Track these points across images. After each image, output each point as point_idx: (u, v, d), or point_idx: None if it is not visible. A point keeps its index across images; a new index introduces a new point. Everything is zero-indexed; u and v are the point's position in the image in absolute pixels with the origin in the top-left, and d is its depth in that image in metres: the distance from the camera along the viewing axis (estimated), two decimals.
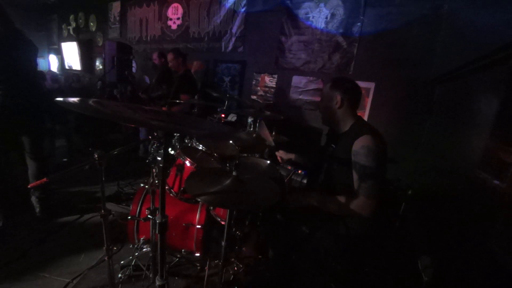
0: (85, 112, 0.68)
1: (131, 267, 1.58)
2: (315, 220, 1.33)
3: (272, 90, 3.22)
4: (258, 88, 3.35)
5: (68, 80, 5.90)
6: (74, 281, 1.55)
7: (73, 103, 0.74)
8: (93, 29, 5.83)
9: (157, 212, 0.85)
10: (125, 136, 3.97)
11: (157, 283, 0.91)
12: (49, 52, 7.39)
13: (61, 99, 0.73)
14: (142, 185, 1.80)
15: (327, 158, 1.41)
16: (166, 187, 1.64)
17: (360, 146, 1.18)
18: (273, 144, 1.69)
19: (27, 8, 6.67)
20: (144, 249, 1.61)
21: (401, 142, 2.19)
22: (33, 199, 2.11)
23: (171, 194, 1.63)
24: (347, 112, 1.31)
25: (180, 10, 4.09)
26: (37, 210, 2.11)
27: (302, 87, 2.96)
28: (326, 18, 2.70)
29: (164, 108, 2.95)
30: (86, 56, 5.97)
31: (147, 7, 4.62)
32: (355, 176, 1.19)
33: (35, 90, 2.04)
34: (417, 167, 2.14)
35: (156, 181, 1.61)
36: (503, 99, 1.45)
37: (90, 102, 0.79)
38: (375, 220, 1.24)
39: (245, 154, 1.82)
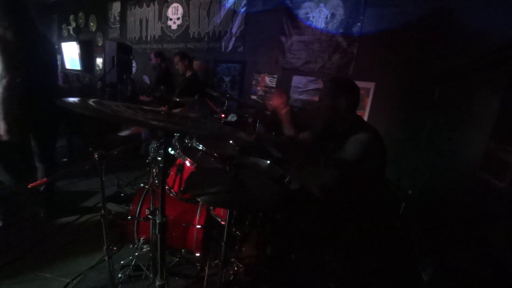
0: (85, 112, 0.68)
1: (131, 267, 1.58)
2: (315, 219, 1.34)
3: (272, 90, 3.22)
4: (258, 88, 3.35)
5: (69, 80, 5.90)
6: (74, 281, 1.54)
7: (74, 103, 0.74)
8: (93, 29, 5.83)
9: (157, 212, 0.85)
10: (125, 136, 3.97)
11: (157, 283, 0.91)
12: None
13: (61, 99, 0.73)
14: (142, 185, 1.80)
15: (325, 157, 1.41)
16: (166, 187, 1.64)
17: (353, 139, 1.22)
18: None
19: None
20: (144, 249, 1.61)
21: (401, 142, 2.19)
22: (38, 199, 2.12)
23: (171, 194, 1.63)
24: (346, 112, 1.32)
25: (180, 10, 4.09)
26: (41, 210, 2.11)
27: (302, 87, 2.96)
28: (326, 18, 2.70)
29: (164, 108, 2.94)
30: (86, 56, 5.97)
31: (147, 7, 4.62)
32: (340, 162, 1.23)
33: (52, 91, 1.96)
34: (417, 167, 2.14)
35: (156, 181, 1.61)
36: (504, 99, 1.45)
37: (91, 102, 0.79)
38: (375, 219, 1.25)
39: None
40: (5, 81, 1.57)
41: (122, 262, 1.62)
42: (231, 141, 1.95)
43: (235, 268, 1.62)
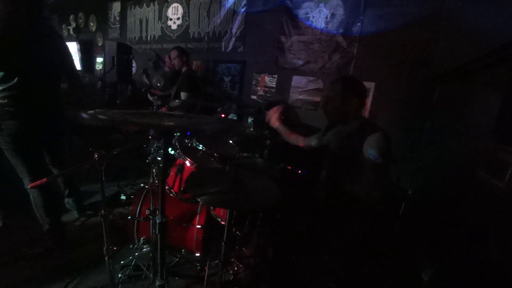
0: (98, 123, 0.67)
1: (131, 267, 1.58)
2: (315, 219, 1.34)
3: (272, 90, 3.22)
4: (258, 88, 3.35)
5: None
6: (74, 281, 1.55)
7: (85, 117, 0.70)
8: (93, 29, 5.83)
9: (157, 212, 0.85)
10: (126, 136, 3.97)
11: (157, 283, 0.91)
12: None
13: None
14: (142, 185, 1.80)
15: (329, 155, 1.42)
16: (166, 187, 1.64)
17: (375, 140, 1.23)
18: None
19: None
20: (144, 249, 1.61)
21: (401, 142, 2.19)
22: (69, 201, 2.19)
23: (171, 194, 1.63)
24: (356, 113, 1.33)
25: (180, 10, 4.09)
26: (74, 209, 2.20)
27: (302, 87, 2.96)
28: (326, 18, 2.70)
29: (163, 109, 2.95)
30: (86, 56, 5.97)
31: (147, 7, 4.62)
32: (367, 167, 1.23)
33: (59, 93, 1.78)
34: (417, 167, 2.14)
35: (156, 181, 1.61)
36: (504, 99, 1.45)
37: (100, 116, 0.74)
38: (375, 220, 1.25)
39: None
40: None
41: (122, 262, 1.62)
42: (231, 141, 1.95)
43: (235, 268, 1.62)
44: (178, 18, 4.15)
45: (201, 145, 1.80)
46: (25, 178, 1.65)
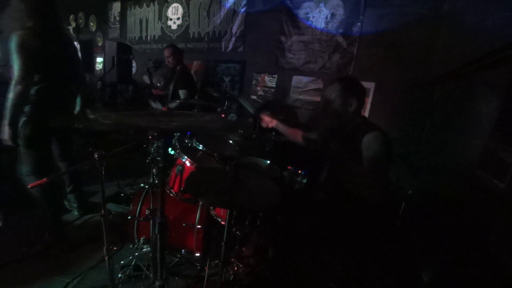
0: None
1: (131, 267, 1.58)
2: (315, 220, 1.34)
3: (272, 90, 3.22)
4: (258, 88, 3.35)
5: None
6: (74, 281, 1.55)
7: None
8: (93, 29, 5.83)
9: (157, 212, 0.86)
10: (126, 136, 3.97)
11: (157, 283, 0.91)
12: None
13: None
14: (142, 185, 1.80)
15: (329, 156, 1.42)
16: (166, 187, 1.64)
17: (373, 137, 1.23)
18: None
19: None
20: (144, 249, 1.61)
21: (401, 142, 2.18)
22: (71, 197, 2.21)
23: (171, 194, 1.63)
24: (356, 113, 1.34)
25: (180, 10, 4.09)
26: (75, 208, 2.22)
27: (302, 87, 2.95)
28: (326, 18, 2.70)
29: (164, 109, 2.95)
30: (86, 56, 5.97)
31: (147, 7, 4.62)
32: (366, 162, 1.23)
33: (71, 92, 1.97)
34: (417, 167, 2.14)
35: (156, 181, 1.61)
36: (504, 99, 1.45)
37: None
38: (375, 220, 1.25)
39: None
40: (19, 87, 1.51)
41: (122, 262, 1.63)
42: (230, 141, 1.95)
43: (235, 268, 1.62)
44: (178, 18, 4.15)
45: (201, 145, 1.80)
46: (33, 168, 1.73)
